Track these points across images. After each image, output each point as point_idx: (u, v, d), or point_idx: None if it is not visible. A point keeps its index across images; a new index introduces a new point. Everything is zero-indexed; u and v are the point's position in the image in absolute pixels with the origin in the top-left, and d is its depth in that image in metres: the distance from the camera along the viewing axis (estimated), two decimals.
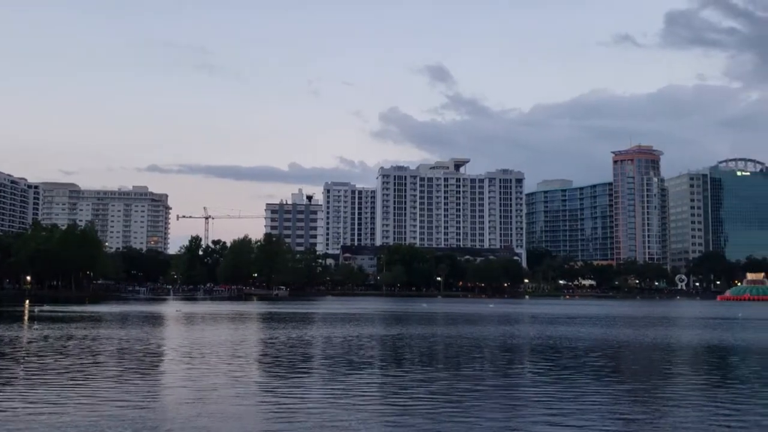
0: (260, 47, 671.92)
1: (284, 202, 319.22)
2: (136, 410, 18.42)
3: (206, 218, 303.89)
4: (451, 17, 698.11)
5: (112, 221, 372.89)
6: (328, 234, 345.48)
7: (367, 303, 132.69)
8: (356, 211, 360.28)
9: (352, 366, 29.43)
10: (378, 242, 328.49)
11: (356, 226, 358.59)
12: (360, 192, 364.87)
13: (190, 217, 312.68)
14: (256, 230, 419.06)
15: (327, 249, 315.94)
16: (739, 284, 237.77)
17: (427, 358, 34.04)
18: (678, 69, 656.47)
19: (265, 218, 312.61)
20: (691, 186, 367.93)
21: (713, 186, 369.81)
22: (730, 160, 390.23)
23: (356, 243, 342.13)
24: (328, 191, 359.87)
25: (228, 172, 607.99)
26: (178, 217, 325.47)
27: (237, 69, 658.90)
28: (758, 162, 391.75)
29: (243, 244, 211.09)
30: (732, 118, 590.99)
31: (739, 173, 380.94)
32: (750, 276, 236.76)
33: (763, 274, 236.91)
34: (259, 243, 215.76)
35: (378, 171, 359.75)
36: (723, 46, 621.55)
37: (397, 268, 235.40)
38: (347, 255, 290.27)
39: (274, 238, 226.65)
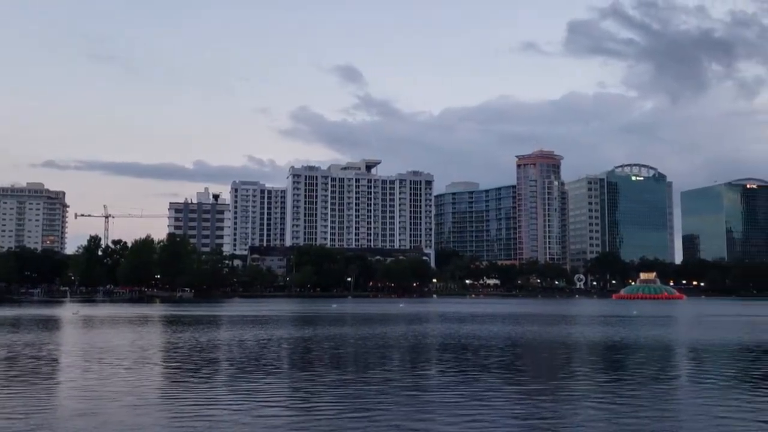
0: (164, 39, 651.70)
1: (189, 201, 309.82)
2: (25, 424, 17.04)
3: (106, 217, 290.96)
4: (362, 18, 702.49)
5: (4, 219, 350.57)
6: (235, 234, 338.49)
7: (275, 305, 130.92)
8: (265, 211, 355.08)
9: (261, 370, 28.67)
10: (288, 243, 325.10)
11: (265, 227, 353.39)
12: (269, 192, 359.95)
13: (89, 215, 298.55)
14: (160, 230, 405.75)
15: (234, 250, 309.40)
16: (632, 283, 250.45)
17: (337, 360, 33.68)
18: (580, 77, 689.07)
19: (169, 218, 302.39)
20: (590, 190, 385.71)
21: (610, 190, 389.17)
22: (626, 165, 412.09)
23: (265, 244, 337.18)
24: (236, 190, 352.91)
25: (129, 169, 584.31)
26: (76, 216, 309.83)
27: (138, 61, 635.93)
28: (651, 167, 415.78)
29: (145, 244, 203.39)
30: (628, 125, 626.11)
31: (633, 178, 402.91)
32: (643, 276, 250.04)
33: (654, 274, 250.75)
34: (162, 243, 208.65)
35: (288, 170, 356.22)
36: (622, 55, 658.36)
37: (307, 269, 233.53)
38: (255, 256, 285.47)
39: (177, 238, 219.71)
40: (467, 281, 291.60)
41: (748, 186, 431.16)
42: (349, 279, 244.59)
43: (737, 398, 21.99)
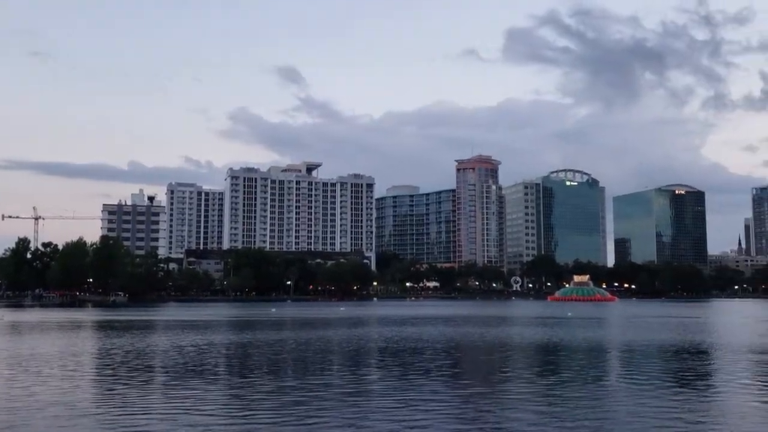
0: (100, 36, 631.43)
1: (123, 203, 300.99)
2: None
3: (36, 219, 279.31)
4: (304, 20, 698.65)
5: None
6: (171, 237, 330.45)
7: (213, 309, 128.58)
8: (202, 213, 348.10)
9: (198, 377, 27.93)
10: (225, 246, 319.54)
11: (202, 229, 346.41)
12: (207, 193, 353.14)
13: (17, 217, 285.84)
14: (92, 232, 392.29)
15: (170, 253, 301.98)
16: (567, 285, 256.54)
17: (277, 365, 33.16)
18: (517, 83, 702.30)
19: (102, 219, 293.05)
20: (526, 194, 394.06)
21: (545, 194, 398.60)
22: (560, 170, 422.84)
23: (202, 247, 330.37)
24: (172, 192, 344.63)
25: (60, 169, 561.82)
26: (3, 217, 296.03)
27: (71, 57, 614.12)
28: (585, 173, 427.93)
29: (77, 246, 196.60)
30: (563, 131, 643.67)
31: (567, 183, 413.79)
32: (576, 278, 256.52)
33: (588, 276, 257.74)
34: (94, 246, 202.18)
35: (226, 172, 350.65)
36: (558, 63, 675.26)
37: (246, 273, 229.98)
38: (192, 259, 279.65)
39: (111, 241, 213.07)
40: (407, 284, 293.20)
41: (676, 192, 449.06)
42: (288, 282, 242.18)
43: (671, 398, 22.67)
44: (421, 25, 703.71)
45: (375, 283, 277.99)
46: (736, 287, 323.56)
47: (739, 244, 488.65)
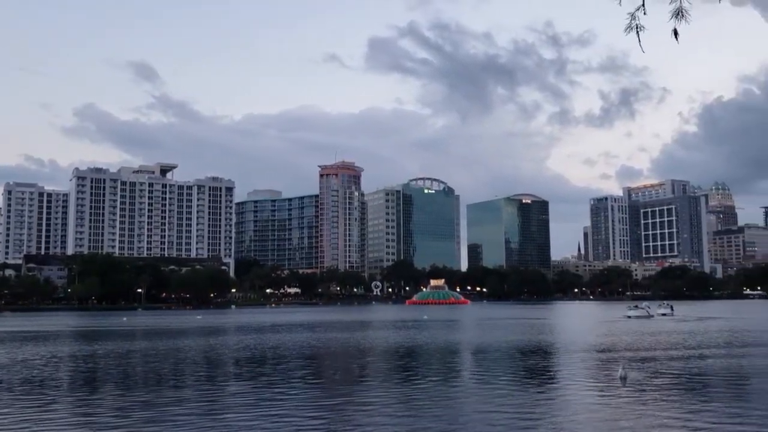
0: None
1: None
2: None
3: None
4: (160, 15, 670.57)
5: None
6: (8, 241, 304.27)
7: (55, 318, 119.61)
8: (44, 216, 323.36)
9: (37, 394, 25.63)
10: (70, 251, 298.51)
11: (43, 233, 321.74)
12: (49, 195, 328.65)
13: None
14: None
15: (7, 258, 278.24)
16: (424, 289, 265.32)
17: (126, 379, 31.22)
18: (379, 92, 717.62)
19: None
20: (387, 201, 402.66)
21: (405, 201, 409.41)
22: (419, 178, 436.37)
23: (43, 252, 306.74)
24: (10, 193, 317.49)
25: None
26: None
27: None
28: (441, 181, 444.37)
29: None
30: (422, 140, 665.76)
31: (426, 191, 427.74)
32: (433, 282, 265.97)
33: (443, 281, 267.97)
34: None
35: (72, 172, 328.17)
36: (417, 74, 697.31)
37: (92, 280, 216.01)
38: (32, 265, 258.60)
39: None
40: (268, 290, 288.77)
41: (523, 201, 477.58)
42: (139, 290, 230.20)
43: (521, 395, 23.81)
44: (284, 28, 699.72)
45: (234, 290, 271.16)
46: (576, 290, 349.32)
47: (579, 250, 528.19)
